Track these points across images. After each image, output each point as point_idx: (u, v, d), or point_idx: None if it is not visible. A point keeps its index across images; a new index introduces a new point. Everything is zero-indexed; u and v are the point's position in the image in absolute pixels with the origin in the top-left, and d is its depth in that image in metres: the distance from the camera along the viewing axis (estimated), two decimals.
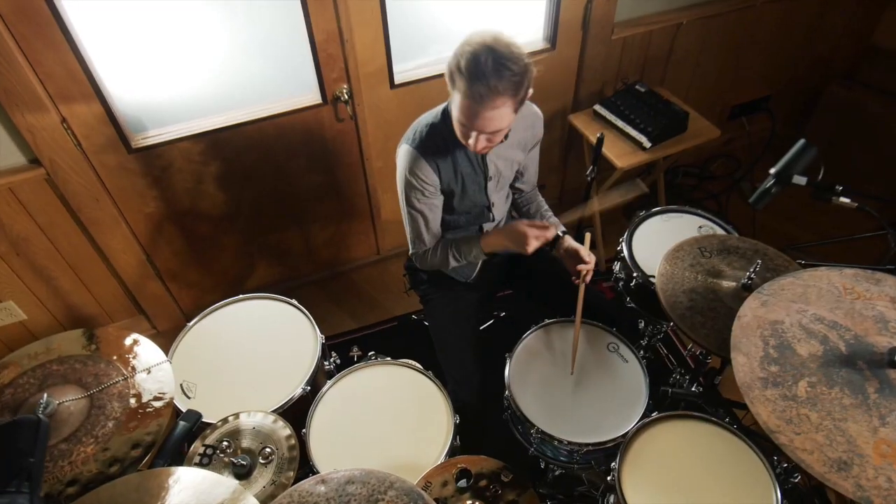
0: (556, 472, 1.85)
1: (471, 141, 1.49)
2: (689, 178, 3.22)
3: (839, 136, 2.96)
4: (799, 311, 1.36)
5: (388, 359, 1.78)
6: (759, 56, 2.92)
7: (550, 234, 1.65)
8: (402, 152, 1.61)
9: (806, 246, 2.59)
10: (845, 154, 2.90)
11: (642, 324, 2.21)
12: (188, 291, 2.60)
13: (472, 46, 1.37)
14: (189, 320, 1.87)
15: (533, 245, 1.62)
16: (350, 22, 2.02)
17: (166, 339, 1.79)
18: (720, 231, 2.00)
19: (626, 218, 2.37)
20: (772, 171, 1.54)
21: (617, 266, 2.06)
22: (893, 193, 2.92)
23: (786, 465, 1.53)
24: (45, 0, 1.67)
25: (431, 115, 1.62)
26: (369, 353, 2.25)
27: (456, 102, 1.45)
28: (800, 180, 1.50)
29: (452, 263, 1.75)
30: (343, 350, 2.26)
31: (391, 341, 2.61)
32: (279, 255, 2.68)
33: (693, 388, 1.92)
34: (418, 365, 1.77)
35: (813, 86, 3.12)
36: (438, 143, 1.59)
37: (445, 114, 1.58)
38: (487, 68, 1.35)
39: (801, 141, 1.52)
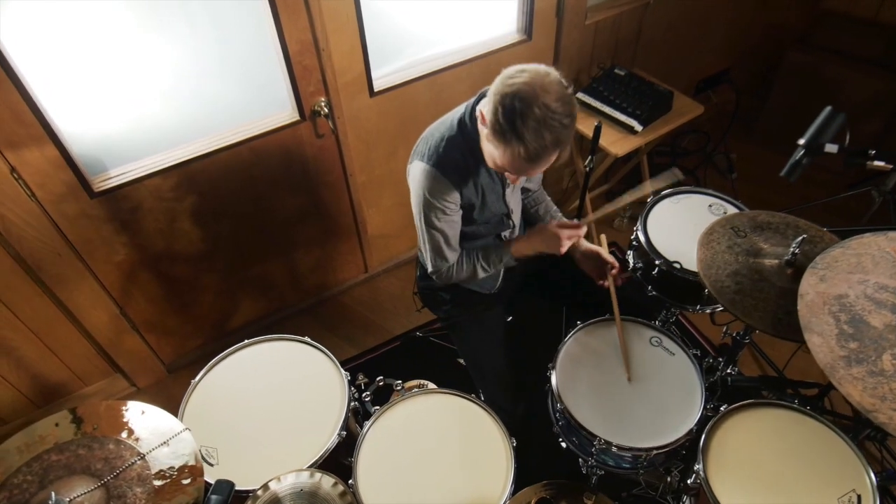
0: (599, 474, 1.77)
1: (510, 177, 1.43)
2: (663, 157, 3.23)
3: (802, 99, 3.03)
4: (860, 281, 1.32)
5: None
6: (717, 29, 2.95)
7: (582, 231, 1.59)
8: (419, 170, 1.46)
9: (790, 210, 2.63)
10: (809, 116, 2.95)
11: None
12: (168, 340, 2.36)
13: (523, 103, 1.18)
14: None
15: (566, 245, 1.56)
16: (325, 29, 1.86)
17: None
18: (731, 208, 1.97)
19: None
20: (800, 141, 1.51)
21: (631, 255, 1.99)
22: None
23: None
24: None
25: (444, 126, 1.47)
26: (377, 379, 2.10)
27: (498, 150, 1.28)
28: (831, 148, 1.47)
29: (481, 274, 1.64)
30: None
31: (397, 363, 2.46)
32: (263, 287, 2.48)
33: (729, 370, 1.88)
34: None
35: (769, 54, 3.18)
36: (457, 158, 1.45)
37: (462, 125, 1.45)
38: (544, 130, 1.19)
39: (828, 108, 1.49)
